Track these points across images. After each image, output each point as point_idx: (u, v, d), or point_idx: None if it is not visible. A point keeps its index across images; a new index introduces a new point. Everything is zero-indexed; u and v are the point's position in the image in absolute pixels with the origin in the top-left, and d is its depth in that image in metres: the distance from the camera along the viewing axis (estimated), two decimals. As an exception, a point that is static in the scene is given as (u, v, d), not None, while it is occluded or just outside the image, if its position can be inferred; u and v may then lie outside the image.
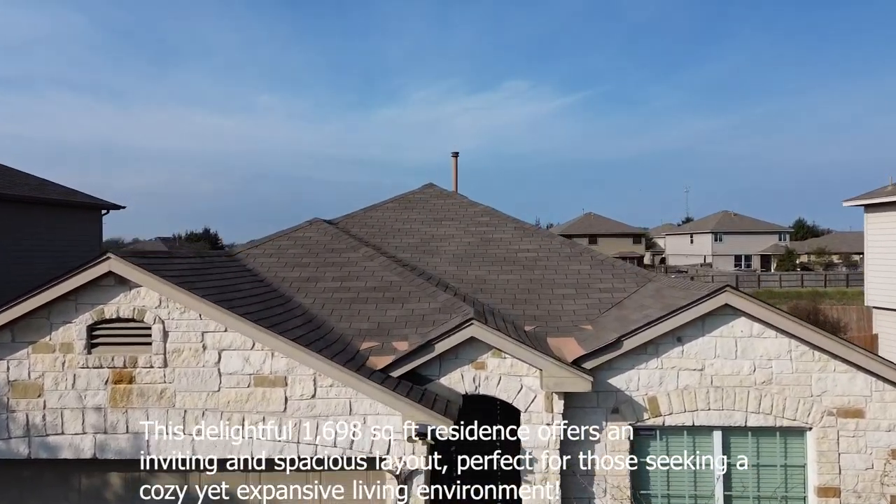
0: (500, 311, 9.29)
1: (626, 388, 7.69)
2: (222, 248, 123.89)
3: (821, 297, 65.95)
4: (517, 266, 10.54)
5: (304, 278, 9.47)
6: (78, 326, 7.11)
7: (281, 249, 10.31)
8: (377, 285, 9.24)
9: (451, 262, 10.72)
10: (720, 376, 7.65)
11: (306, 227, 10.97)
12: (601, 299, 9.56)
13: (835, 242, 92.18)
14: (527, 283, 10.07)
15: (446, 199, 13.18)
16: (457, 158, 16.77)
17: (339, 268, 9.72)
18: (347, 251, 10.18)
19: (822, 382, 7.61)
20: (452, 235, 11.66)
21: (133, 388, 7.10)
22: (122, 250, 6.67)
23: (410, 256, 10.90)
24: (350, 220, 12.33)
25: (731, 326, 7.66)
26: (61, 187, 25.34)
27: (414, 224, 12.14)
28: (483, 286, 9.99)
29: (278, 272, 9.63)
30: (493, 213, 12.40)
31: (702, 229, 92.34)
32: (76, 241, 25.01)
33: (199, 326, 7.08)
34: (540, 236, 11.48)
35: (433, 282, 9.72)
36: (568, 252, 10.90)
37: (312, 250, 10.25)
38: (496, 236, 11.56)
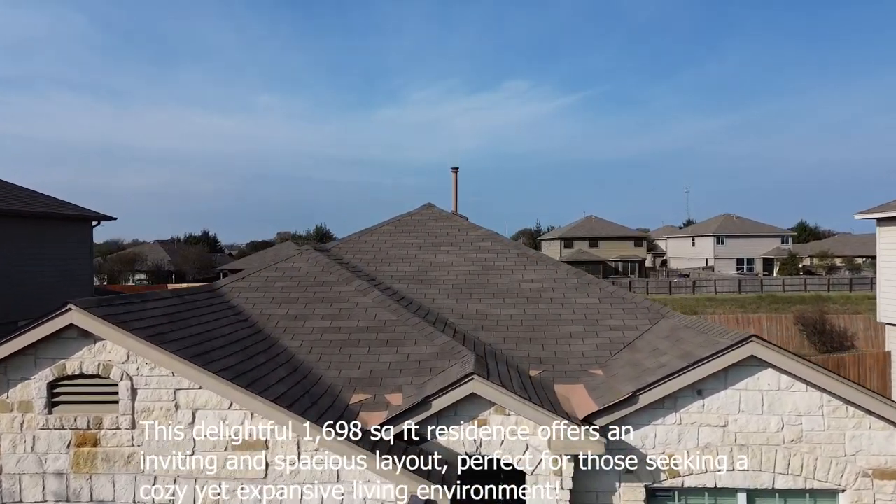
0: (503, 352, 8.63)
1: (641, 446, 7.02)
2: (221, 251, 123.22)
3: (824, 301, 65.34)
4: (521, 299, 9.87)
5: (291, 316, 8.78)
6: (38, 383, 6.43)
7: (268, 282, 9.63)
8: (370, 325, 8.56)
9: (451, 294, 10.05)
10: (745, 433, 6.98)
11: (296, 258, 10.29)
12: (611, 338, 8.88)
13: (838, 245, 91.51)
14: (531, 318, 9.39)
15: (445, 222, 12.50)
16: (456, 174, 16.11)
17: (330, 304, 9.04)
18: (339, 284, 9.50)
19: (857, 441, 6.93)
20: (451, 263, 10.99)
21: (98, 451, 6.42)
22: (88, 300, 6.01)
23: (407, 287, 10.23)
24: (344, 246, 11.66)
25: (757, 379, 6.98)
26: (51, 199, 24.67)
27: (411, 250, 11.47)
28: (484, 322, 9.32)
29: (265, 309, 8.95)
30: (494, 238, 11.73)
31: (703, 232, 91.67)
32: (67, 254, 24.35)
33: (171, 384, 6.40)
34: (544, 264, 10.80)
35: (431, 318, 9.05)
36: (574, 283, 10.22)
37: (302, 283, 9.57)
38: (498, 264, 10.89)
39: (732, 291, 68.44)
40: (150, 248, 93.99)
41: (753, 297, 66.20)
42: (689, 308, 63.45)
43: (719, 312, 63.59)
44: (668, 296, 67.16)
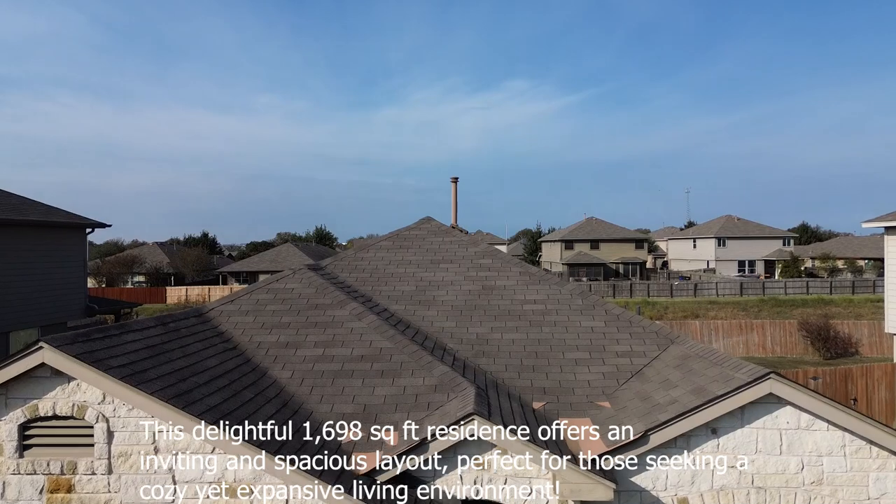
0: (505, 381, 8.21)
1: (652, 488, 6.60)
2: (220, 253, 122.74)
3: (827, 304, 65.07)
4: (523, 322, 9.45)
5: (283, 343, 8.36)
6: (8, 425, 6.02)
7: (259, 305, 9.21)
8: (365, 353, 8.14)
9: (450, 316, 9.63)
10: (762, 475, 6.56)
11: (289, 278, 9.88)
12: (618, 366, 8.47)
13: (839, 247, 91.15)
14: (534, 343, 8.98)
15: (444, 237, 12.09)
16: (456, 184, 15.71)
17: (323, 329, 8.62)
18: (333, 308, 9.08)
19: (882, 483, 6.52)
20: (451, 282, 10.57)
21: (72, 497, 6.00)
22: (62, 336, 5.57)
23: (405, 309, 9.81)
24: (340, 263, 11.25)
25: (775, 417, 6.57)
26: (42, 206, 24.26)
27: (409, 267, 11.05)
28: (485, 348, 8.90)
29: (255, 335, 8.53)
30: (494, 255, 11.31)
31: (705, 234, 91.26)
32: (60, 262, 23.93)
33: (150, 426, 5.98)
34: (547, 284, 10.38)
35: (429, 345, 8.63)
36: (579, 304, 9.80)
37: (294, 307, 9.15)
38: (499, 283, 10.47)
39: (734, 294, 68.13)
40: (149, 249, 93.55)
41: (755, 299, 65.89)
42: (691, 311, 63.19)
43: (721, 316, 63.35)
44: (670, 298, 66.79)
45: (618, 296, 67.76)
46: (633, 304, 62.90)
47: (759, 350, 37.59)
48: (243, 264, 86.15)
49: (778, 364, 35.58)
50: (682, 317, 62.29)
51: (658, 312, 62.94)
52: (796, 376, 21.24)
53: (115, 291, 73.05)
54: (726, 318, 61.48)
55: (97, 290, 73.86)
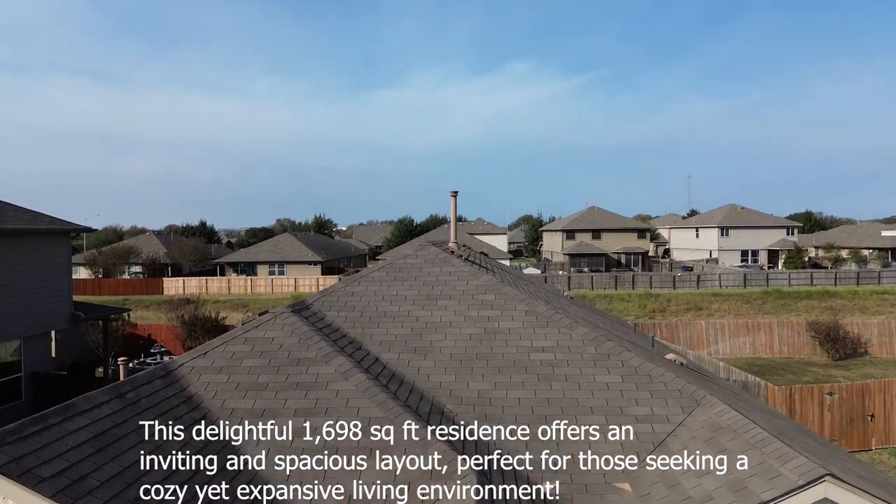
0: (511, 452, 7.24)
1: None
2: (218, 242, 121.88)
3: (832, 296, 64.17)
4: (530, 375, 8.48)
5: (258, 411, 7.39)
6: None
7: (234, 359, 8.23)
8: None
9: (448, 368, 8.65)
10: (813, 590, 5.61)
11: (269, 324, 8.89)
12: (638, 434, 7.49)
13: (843, 236, 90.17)
14: (543, 404, 8.00)
15: (443, 267, 11.09)
16: (455, 198, 14.70)
17: (305, 393, 7.64)
18: (317, 363, 8.10)
19: None
20: (450, 323, 9.59)
21: None
22: None
23: (398, 358, 8.83)
24: (328, 300, 10.25)
25: (829, 524, 5.61)
26: (23, 211, 23.21)
27: (403, 304, 10.06)
28: (487, 409, 7.93)
29: (227, 399, 7.56)
30: (497, 290, 10.31)
31: (708, 223, 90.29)
32: (43, 269, 22.94)
33: (90, 548, 5.02)
34: (556, 326, 9.39)
35: (424, 409, 7.66)
36: (592, 353, 8.82)
37: (273, 361, 8.17)
38: (503, 325, 9.48)
39: (737, 286, 67.32)
40: (146, 239, 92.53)
41: (759, 291, 65.05)
42: (694, 303, 62.36)
43: (724, 308, 62.47)
44: (672, 290, 65.95)
45: (620, 287, 66.94)
46: (636, 296, 62.06)
47: (766, 351, 36.75)
48: (242, 254, 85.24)
49: (786, 365, 34.73)
50: (684, 309, 61.55)
51: (661, 305, 62.14)
52: (811, 392, 20.37)
53: (111, 283, 72.11)
54: (729, 310, 60.71)
55: (94, 281, 72.92)
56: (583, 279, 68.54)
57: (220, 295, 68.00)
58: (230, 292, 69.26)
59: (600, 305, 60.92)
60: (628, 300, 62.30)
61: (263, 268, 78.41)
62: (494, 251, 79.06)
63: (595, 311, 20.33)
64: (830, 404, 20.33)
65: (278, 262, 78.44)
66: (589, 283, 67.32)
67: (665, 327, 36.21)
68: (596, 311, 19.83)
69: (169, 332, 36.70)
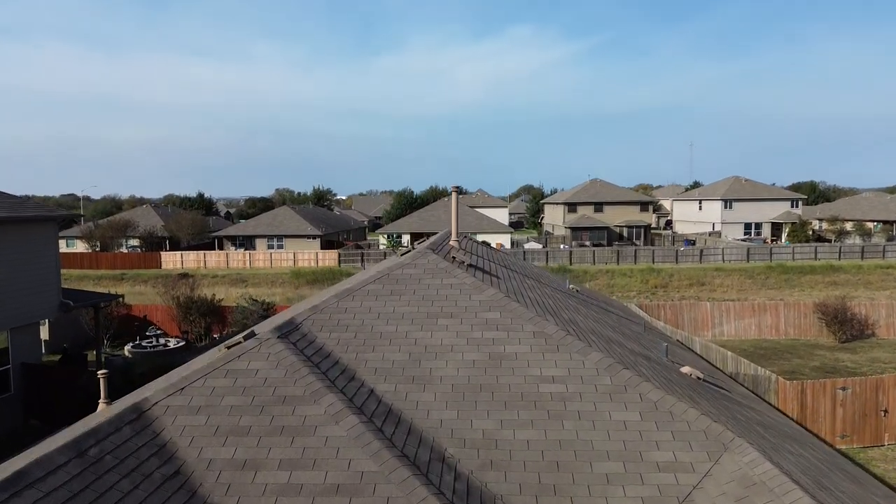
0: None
1: None
2: (217, 214, 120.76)
3: (836, 271, 63.52)
4: (540, 411, 7.72)
5: (238, 462, 6.64)
6: None
7: (214, 396, 7.46)
8: (341, 480, 6.42)
9: (450, 402, 7.89)
10: None
11: (253, 352, 8.10)
12: (661, 486, 6.76)
13: (847, 208, 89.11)
14: (554, 447, 7.26)
15: (443, 278, 10.28)
16: (457, 193, 13.83)
17: (291, 440, 6.89)
18: (305, 402, 7.34)
19: None
20: (452, 346, 8.81)
21: None
22: None
23: (394, 390, 8.07)
24: (319, 317, 9.45)
25: None
26: (7, 196, 22.30)
27: (401, 324, 9.28)
28: (493, 454, 7.18)
29: (205, 448, 6.81)
30: (503, 307, 9.51)
31: (711, 196, 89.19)
32: (29, 258, 22.13)
33: None
34: (568, 351, 8.62)
35: (423, 458, 6.92)
36: (608, 385, 8.05)
37: (257, 400, 7.40)
38: (509, 350, 8.71)
39: (741, 260, 66.69)
40: (143, 212, 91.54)
41: (762, 265, 64.39)
42: (697, 278, 61.68)
43: (727, 284, 61.79)
44: (675, 265, 65.27)
45: (622, 262, 66.25)
46: (638, 271, 61.31)
47: (771, 332, 36.12)
48: (240, 228, 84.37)
49: (792, 347, 34.16)
50: (687, 285, 60.90)
51: (663, 280, 61.46)
52: (823, 387, 19.71)
53: (108, 257, 71.37)
54: (732, 286, 60.06)
55: (91, 255, 72.18)
56: (584, 253, 67.79)
57: (219, 269, 67.32)
58: (229, 266, 68.56)
59: (602, 280, 60.27)
60: (630, 275, 61.61)
61: (262, 242, 77.60)
62: (495, 224, 78.16)
63: (601, 303, 19.58)
64: (843, 399, 19.71)
65: (277, 236, 77.60)
66: (591, 257, 66.59)
67: (669, 309, 35.51)
68: (602, 305, 19.08)
69: (165, 312, 36.06)
